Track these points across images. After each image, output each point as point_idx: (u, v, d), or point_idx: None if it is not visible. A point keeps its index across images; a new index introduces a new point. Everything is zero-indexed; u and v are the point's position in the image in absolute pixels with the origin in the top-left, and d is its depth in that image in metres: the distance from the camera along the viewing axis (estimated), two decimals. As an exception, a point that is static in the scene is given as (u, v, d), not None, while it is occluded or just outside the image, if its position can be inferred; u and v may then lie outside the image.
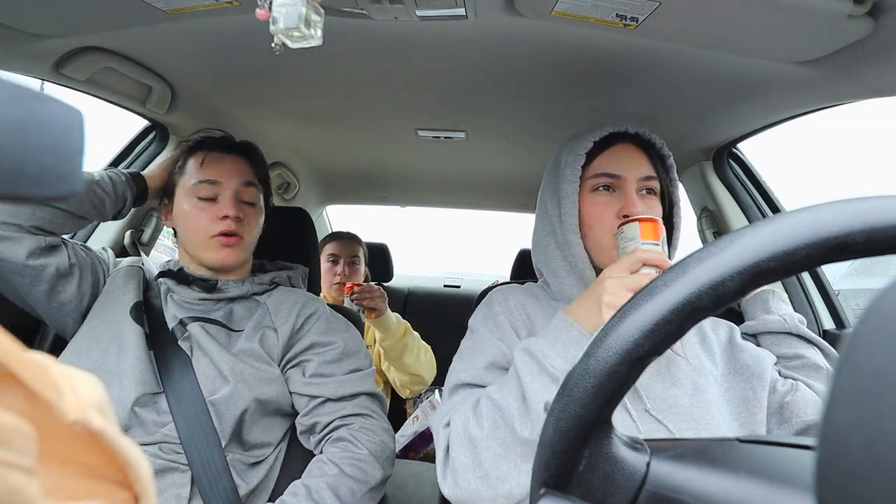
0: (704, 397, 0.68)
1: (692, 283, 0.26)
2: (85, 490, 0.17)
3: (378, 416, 0.87)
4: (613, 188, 0.74)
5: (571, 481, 0.29)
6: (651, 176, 0.74)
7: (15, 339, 0.16)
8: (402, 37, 0.81)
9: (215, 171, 0.87)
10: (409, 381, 1.56)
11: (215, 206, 0.86)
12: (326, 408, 0.84)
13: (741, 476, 0.27)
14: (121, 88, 0.99)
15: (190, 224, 0.87)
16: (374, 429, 0.84)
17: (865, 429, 0.16)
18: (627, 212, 0.70)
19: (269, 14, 0.52)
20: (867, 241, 0.24)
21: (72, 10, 0.74)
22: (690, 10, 0.65)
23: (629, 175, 0.73)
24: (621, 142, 0.75)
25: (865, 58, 0.69)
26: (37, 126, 0.19)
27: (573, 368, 0.29)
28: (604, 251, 0.73)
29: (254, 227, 0.91)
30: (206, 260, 0.87)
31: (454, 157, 1.50)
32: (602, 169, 0.74)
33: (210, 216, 0.85)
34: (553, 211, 0.77)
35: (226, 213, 0.84)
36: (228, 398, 0.79)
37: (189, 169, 0.89)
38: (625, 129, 0.75)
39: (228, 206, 0.85)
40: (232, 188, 0.87)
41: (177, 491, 0.73)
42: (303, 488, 0.75)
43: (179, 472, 0.75)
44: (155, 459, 0.74)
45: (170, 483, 0.74)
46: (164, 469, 0.74)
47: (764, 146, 1.34)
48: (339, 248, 1.75)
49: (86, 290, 0.85)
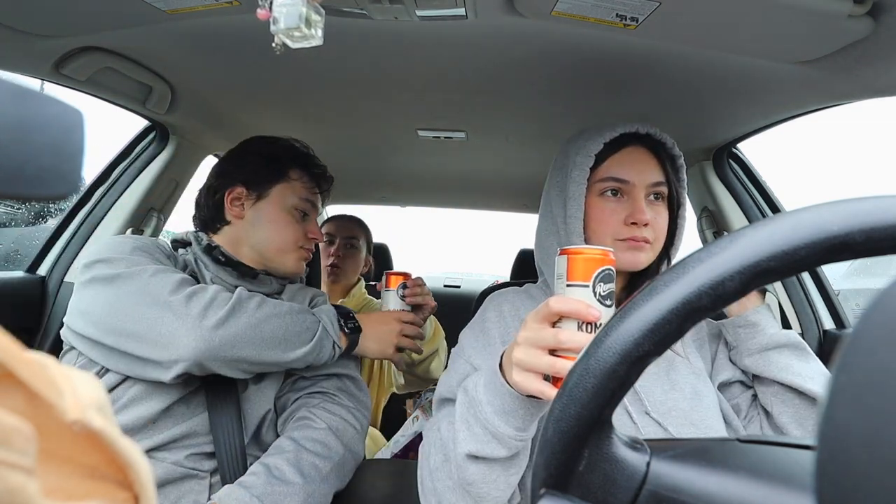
0: (703, 402, 0.68)
1: (692, 283, 0.26)
2: (85, 490, 0.17)
3: (345, 395, 0.89)
4: (622, 193, 0.73)
5: (571, 481, 0.29)
6: (660, 181, 0.73)
7: (15, 339, 0.16)
8: (402, 37, 0.81)
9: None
10: (418, 383, 1.35)
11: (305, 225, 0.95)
12: (297, 384, 0.88)
13: (741, 476, 0.27)
14: (121, 88, 0.99)
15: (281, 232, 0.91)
16: (334, 406, 0.85)
17: (865, 428, 0.16)
18: (635, 219, 0.69)
19: (270, 14, 0.52)
20: (867, 241, 0.24)
21: (72, 10, 0.74)
22: (690, 11, 0.65)
23: (638, 181, 0.72)
24: (632, 144, 0.74)
25: (865, 58, 0.69)
26: (37, 126, 0.19)
27: (573, 368, 0.29)
28: None
29: None
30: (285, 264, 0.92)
31: (454, 157, 1.50)
32: (611, 173, 0.72)
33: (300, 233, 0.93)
34: (558, 211, 0.75)
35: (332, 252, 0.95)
36: (253, 399, 0.82)
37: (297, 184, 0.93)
38: (636, 130, 0.74)
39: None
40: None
41: (195, 498, 0.74)
42: (261, 467, 0.74)
43: (198, 480, 0.75)
44: (175, 468, 0.74)
45: (188, 490, 0.74)
46: (184, 476, 0.75)
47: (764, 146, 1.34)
48: (334, 227, 1.58)
49: None
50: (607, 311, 0.50)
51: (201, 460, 0.76)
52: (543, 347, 0.49)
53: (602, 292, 0.50)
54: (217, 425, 0.77)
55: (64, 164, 0.19)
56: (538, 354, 0.49)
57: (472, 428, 0.56)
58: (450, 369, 0.73)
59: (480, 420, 0.55)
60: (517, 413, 0.53)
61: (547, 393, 0.49)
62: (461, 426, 0.57)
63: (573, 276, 0.50)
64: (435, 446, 0.62)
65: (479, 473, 0.56)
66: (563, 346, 0.48)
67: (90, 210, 1.24)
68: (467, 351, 0.72)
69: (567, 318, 0.49)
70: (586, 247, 0.53)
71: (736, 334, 0.75)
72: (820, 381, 0.66)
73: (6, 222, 1.88)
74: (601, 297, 0.50)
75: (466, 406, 0.58)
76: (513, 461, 0.57)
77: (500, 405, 0.54)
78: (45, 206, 1.65)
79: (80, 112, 0.20)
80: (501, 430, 0.54)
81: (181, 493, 0.73)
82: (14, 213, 1.92)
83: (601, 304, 0.50)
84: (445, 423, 0.62)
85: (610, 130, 0.73)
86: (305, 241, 0.94)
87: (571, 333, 0.48)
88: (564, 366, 0.47)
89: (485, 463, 0.56)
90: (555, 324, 0.50)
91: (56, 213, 1.44)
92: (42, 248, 1.23)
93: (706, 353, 0.78)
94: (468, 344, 0.74)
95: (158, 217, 1.31)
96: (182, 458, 0.75)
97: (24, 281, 1.16)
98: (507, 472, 0.56)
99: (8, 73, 0.87)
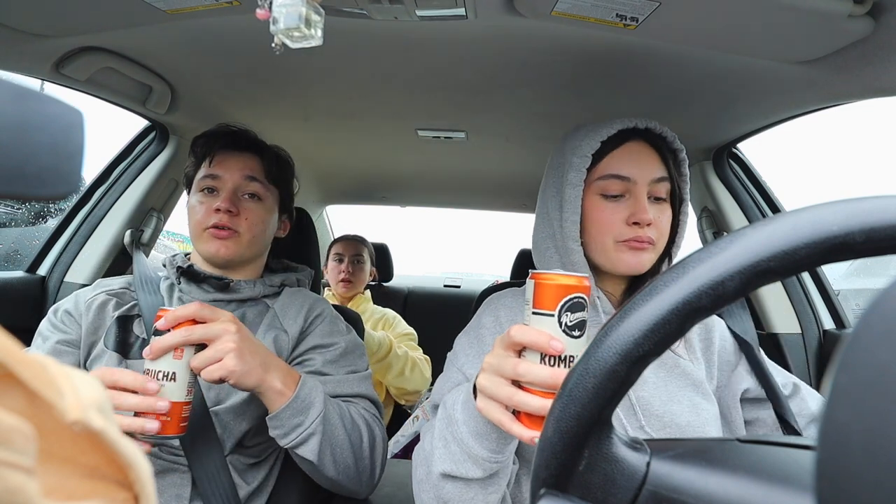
0: (701, 416, 0.66)
1: (692, 283, 0.26)
2: (85, 490, 0.17)
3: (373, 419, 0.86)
4: (623, 192, 0.68)
5: (571, 481, 0.29)
6: (663, 177, 0.69)
7: (15, 339, 0.16)
8: (402, 37, 0.81)
9: (219, 166, 0.87)
10: (396, 392, 1.68)
11: (214, 199, 0.86)
12: None
13: (741, 476, 0.27)
14: (121, 88, 0.99)
15: (190, 216, 0.87)
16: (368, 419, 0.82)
17: (865, 428, 0.16)
18: (637, 218, 0.66)
19: (270, 14, 0.52)
20: (867, 241, 0.24)
21: (72, 10, 0.74)
22: (690, 10, 0.65)
23: (640, 178, 0.67)
24: (632, 139, 0.70)
25: (865, 58, 0.69)
26: (37, 126, 0.19)
27: (573, 368, 0.29)
28: (609, 257, 0.69)
29: (255, 223, 0.88)
30: (202, 252, 0.87)
31: (454, 157, 1.50)
32: (611, 170, 0.68)
33: (207, 208, 0.85)
34: (554, 214, 0.72)
35: (218, 205, 0.84)
36: (236, 412, 0.78)
37: (202, 165, 0.89)
38: (634, 125, 0.70)
39: (223, 199, 0.84)
40: (232, 181, 0.86)
41: (177, 491, 0.73)
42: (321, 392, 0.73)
43: (180, 474, 0.75)
44: (155, 460, 0.74)
45: (170, 483, 0.74)
46: (165, 470, 0.74)
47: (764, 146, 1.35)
48: (343, 247, 1.89)
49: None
50: (574, 342, 0.46)
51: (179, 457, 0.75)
52: (506, 377, 0.47)
53: (569, 322, 0.46)
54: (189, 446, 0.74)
55: (64, 164, 0.19)
56: (500, 384, 0.47)
57: (448, 446, 0.55)
58: (444, 376, 0.72)
59: (457, 439, 0.54)
60: (490, 436, 0.52)
61: (506, 425, 0.46)
62: (438, 443, 0.56)
63: (539, 303, 0.47)
64: (420, 457, 0.61)
65: (455, 492, 0.55)
66: (522, 379, 0.45)
67: (90, 210, 1.24)
68: (461, 359, 0.71)
69: (529, 349, 0.46)
70: (556, 273, 0.48)
71: None
72: None
73: (6, 222, 1.88)
74: (567, 327, 0.46)
75: (445, 423, 0.57)
76: (491, 480, 0.55)
77: (474, 426, 0.53)
78: (45, 206, 1.65)
79: (80, 112, 0.20)
80: (476, 452, 0.52)
81: (162, 487, 0.73)
82: (14, 213, 1.92)
83: (567, 334, 0.46)
84: (429, 435, 0.61)
85: (607, 128, 0.69)
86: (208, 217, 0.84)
87: (531, 366, 0.45)
88: (523, 399, 0.45)
89: (462, 482, 0.54)
90: (520, 353, 0.48)
91: (56, 213, 1.44)
92: (42, 248, 1.23)
93: (712, 356, 0.74)
94: (462, 351, 0.72)
95: (158, 217, 1.31)
96: (157, 449, 0.74)
97: (24, 281, 1.16)
98: (485, 490, 0.55)
99: (8, 73, 0.87)
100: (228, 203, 0.84)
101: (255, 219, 0.88)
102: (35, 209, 1.79)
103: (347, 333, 0.92)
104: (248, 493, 0.78)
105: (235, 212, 0.85)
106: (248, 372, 0.64)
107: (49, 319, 0.83)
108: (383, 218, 3.58)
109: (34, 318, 0.86)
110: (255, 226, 0.88)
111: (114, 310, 0.83)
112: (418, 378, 1.65)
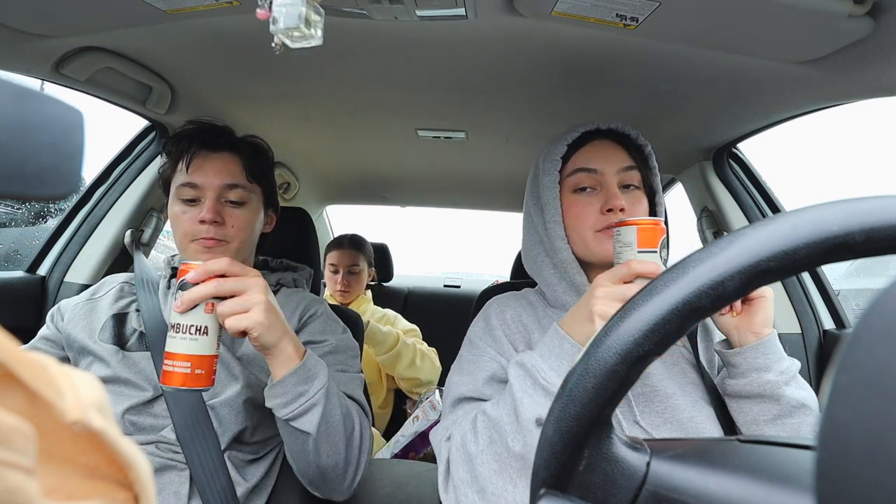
0: (703, 412, 0.67)
1: (692, 283, 0.26)
2: (85, 490, 0.17)
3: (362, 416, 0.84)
4: (594, 186, 0.73)
5: (571, 481, 0.29)
6: (630, 166, 0.74)
7: (15, 339, 0.16)
8: (402, 37, 0.81)
9: (197, 173, 0.83)
10: (407, 385, 1.66)
11: (197, 209, 0.82)
12: None
13: (741, 476, 0.27)
14: (121, 88, 0.99)
15: (174, 226, 0.84)
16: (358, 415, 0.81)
17: (865, 428, 0.16)
18: (610, 205, 0.70)
19: (269, 14, 0.52)
20: (867, 241, 0.24)
21: (72, 10, 0.74)
22: (690, 11, 0.65)
23: (607, 168, 0.72)
24: (596, 138, 0.75)
25: (865, 58, 0.69)
26: (37, 126, 0.19)
27: (573, 368, 0.29)
28: (590, 249, 0.72)
29: (242, 229, 0.85)
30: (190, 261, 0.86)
31: (454, 157, 1.50)
32: (579, 164, 0.74)
33: (191, 219, 0.81)
34: (538, 220, 0.77)
35: (203, 216, 0.80)
36: (232, 406, 0.78)
37: (178, 168, 0.85)
38: (596, 127, 0.75)
39: (207, 210, 0.81)
40: (213, 190, 0.82)
41: (175, 489, 0.73)
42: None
43: (177, 471, 0.74)
44: (153, 458, 0.74)
45: (168, 481, 0.74)
46: (163, 467, 0.74)
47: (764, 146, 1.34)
48: (338, 258, 1.81)
49: None
50: None
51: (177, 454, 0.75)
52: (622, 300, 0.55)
53: (663, 256, 0.60)
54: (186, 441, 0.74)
55: (64, 164, 0.19)
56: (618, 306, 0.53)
57: (533, 396, 0.57)
58: (470, 370, 0.72)
59: (543, 386, 0.58)
60: None
61: None
62: (522, 396, 0.58)
63: (643, 243, 0.60)
64: (472, 433, 0.61)
65: None
66: None
67: (90, 210, 1.24)
68: (489, 352, 0.73)
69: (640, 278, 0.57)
70: (647, 218, 0.61)
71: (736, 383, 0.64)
72: None
73: (6, 222, 1.88)
74: (663, 260, 0.60)
75: (523, 378, 0.59)
76: None
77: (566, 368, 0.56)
78: (45, 206, 1.65)
79: (80, 112, 0.20)
80: None
81: (160, 485, 0.73)
82: (14, 213, 1.92)
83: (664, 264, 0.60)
84: (490, 405, 0.62)
85: (572, 132, 0.76)
86: (194, 228, 0.81)
87: None
88: None
89: None
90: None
91: (56, 213, 1.44)
92: (42, 248, 1.23)
93: (713, 356, 0.75)
94: (486, 345, 0.74)
95: (158, 217, 1.31)
96: (154, 446, 0.74)
97: (24, 281, 1.16)
98: None
99: (8, 73, 0.87)
100: (213, 213, 0.81)
101: (242, 224, 0.85)
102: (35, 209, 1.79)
103: (341, 334, 0.90)
104: (246, 491, 0.78)
105: (221, 221, 0.82)
106: (271, 327, 0.64)
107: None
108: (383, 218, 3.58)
109: (34, 318, 0.86)
110: (242, 231, 0.85)
111: (109, 307, 0.84)
112: (429, 367, 1.64)
